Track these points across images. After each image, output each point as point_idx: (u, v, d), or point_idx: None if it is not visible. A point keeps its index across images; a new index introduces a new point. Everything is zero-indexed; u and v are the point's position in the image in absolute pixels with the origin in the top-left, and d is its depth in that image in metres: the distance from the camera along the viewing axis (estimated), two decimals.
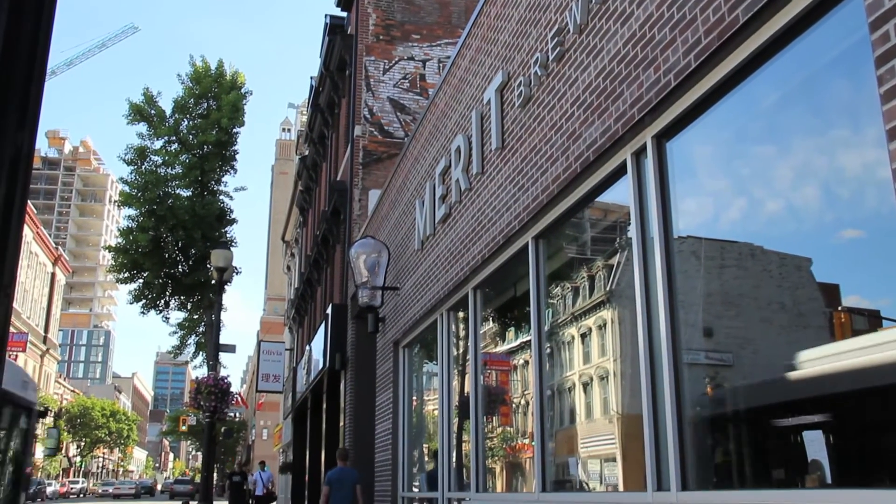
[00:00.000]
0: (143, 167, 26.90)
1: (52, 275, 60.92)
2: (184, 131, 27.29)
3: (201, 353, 28.14)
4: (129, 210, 27.18)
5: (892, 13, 2.84)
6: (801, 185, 3.83)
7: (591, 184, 5.53)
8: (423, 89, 17.97)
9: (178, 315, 28.89)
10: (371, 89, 17.79)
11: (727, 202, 4.42)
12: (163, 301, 27.59)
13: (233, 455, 73.86)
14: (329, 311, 17.23)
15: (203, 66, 27.69)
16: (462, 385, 8.85)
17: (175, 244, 26.99)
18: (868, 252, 3.42)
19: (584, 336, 6.17)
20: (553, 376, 6.46)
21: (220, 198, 28.08)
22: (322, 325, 18.38)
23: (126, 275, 26.92)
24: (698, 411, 4.31)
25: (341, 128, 20.41)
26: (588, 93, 5.37)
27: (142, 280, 27.09)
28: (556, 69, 5.95)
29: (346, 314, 16.26)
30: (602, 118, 5.12)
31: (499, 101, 7.23)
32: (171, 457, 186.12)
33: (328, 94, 21.90)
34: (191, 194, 27.38)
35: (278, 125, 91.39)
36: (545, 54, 6.13)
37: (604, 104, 5.11)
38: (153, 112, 27.07)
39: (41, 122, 1.45)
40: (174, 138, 27.18)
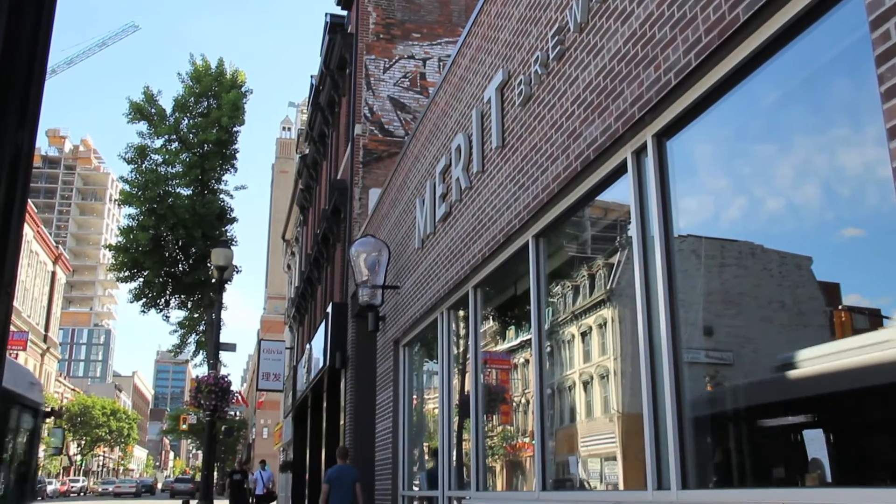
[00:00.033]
0: (144, 166, 26.90)
1: (53, 273, 60.94)
2: (184, 130, 27.28)
3: (202, 351, 28.15)
4: (129, 209, 27.18)
5: (893, 12, 2.84)
6: (801, 184, 3.82)
7: (591, 182, 5.53)
8: (424, 88, 17.97)
9: (178, 314, 28.89)
10: (371, 88, 17.79)
11: (727, 201, 4.42)
12: (163, 300, 27.60)
13: (233, 454, 73.92)
14: (329, 309, 17.24)
15: (203, 64, 27.68)
16: (462, 384, 8.85)
17: (175, 243, 26.99)
18: (868, 251, 3.42)
19: (584, 335, 6.17)
20: (553, 375, 6.46)
21: (221, 196, 28.09)
22: (322, 324, 18.39)
23: (126, 273, 26.92)
24: (698, 410, 4.31)
25: (342, 126, 20.41)
26: (588, 91, 5.37)
27: (142, 279, 27.10)
28: (557, 68, 5.95)
29: (347, 313, 16.27)
30: (602, 117, 5.12)
31: (499, 99, 7.23)
32: (171, 455, 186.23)
33: (328, 93, 21.90)
34: (191, 193, 27.38)
35: (279, 124, 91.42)
36: (546, 53, 6.13)
37: (604, 103, 5.11)
38: (153, 111, 27.06)
39: (41, 120, 1.45)
40: (174, 137, 27.17)
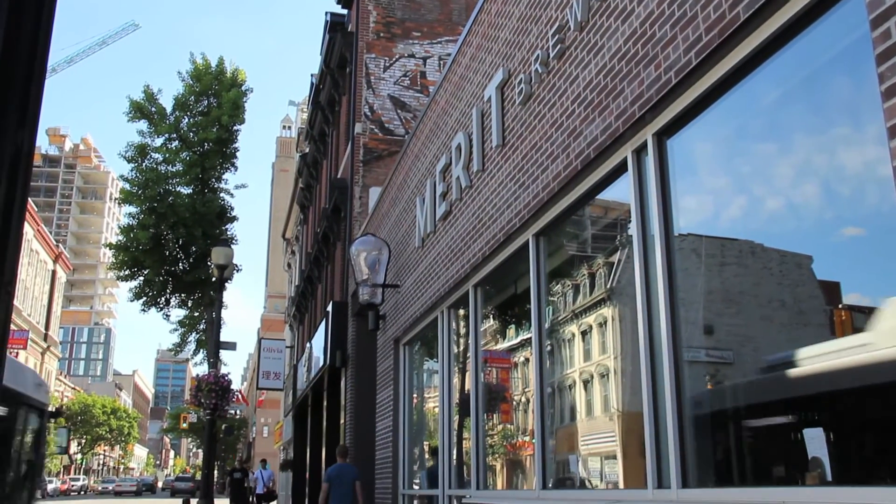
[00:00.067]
0: (144, 164, 26.90)
1: (53, 272, 60.93)
2: (184, 129, 27.28)
3: (202, 350, 28.16)
4: (129, 207, 27.17)
5: (893, 11, 2.84)
6: (801, 183, 3.82)
7: (591, 181, 5.53)
8: (424, 87, 17.96)
9: (178, 312, 28.90)
10: (372, 87, 17.78)
11: (728, 200, 4.42)
12: (163, 298, 27.60)
13: (233, 452, 73.98)
14: (330, 308, 17.24)
15: (203, 63, 27.67)
16: (462, 382, 8.85)
17: (176, 242, 26.99)
18: (869, 250, 3.42)
19: (584, 333, 6.17)
20: (553, 374, 6.46)
21: (221, 195, 28.09)
22: (323, 323, 18.39)
23: (127, 272, 26.93)
24: (699, 409, 4.31)
25: (342, 125, 20.41)
26: (589, 90, 5.36)
27: (142, 277, 27.10)
28: (557, 66, 5.95)
29: (347, 312, 16.27)
30: (603, 115, 5.11)
31: (499, 98, 7.22)
32: (171, 454, 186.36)
33: (329, 92, 21.89)
34: (191, 192, 27.38)
35: (279, 122, 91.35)
36: (546, 51, 6.13)
37: (604, 101, 5.11)
38: (154, 109, 27.06)
39: (41, 119, 1.45)
40: (175, 136, 27.16)
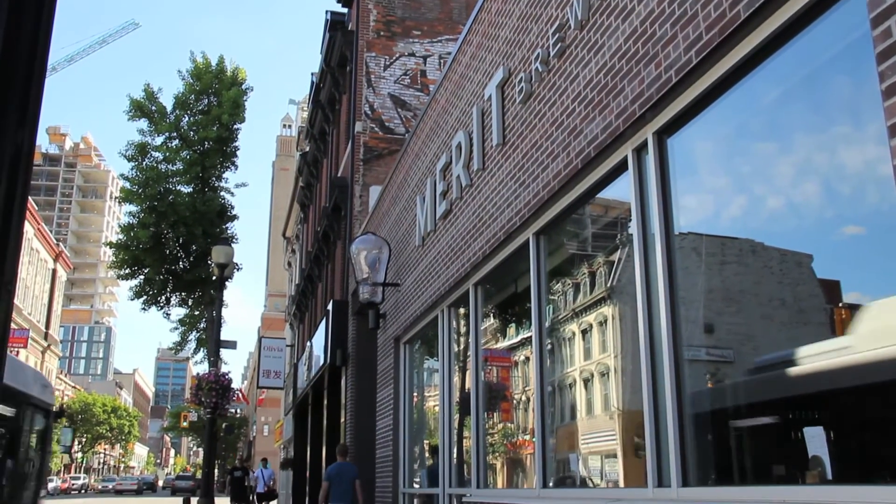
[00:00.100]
0: (144, 163, 26.89)
1: (54, 271, 60.95)
2: (184, 127, 27.27)
3: (202, 349, 28.16)
4: (129, 206, 27.17)
5: (893, 9, 2.84)
6: (801, 182, 3.82)
7: (591, 180, 5.53)
8: (424, 85, 17.96)
9: (178, 311, 28.91)
10: (372, 85, 17.78)
11: (728, 198, 4.42)
12: (164, 297, 27.60)
13: (234, 451, 74.04)
14: (330, 307, 17.24)
15: (204, 62, 27.66)
16: (463, 381, 8.86)
17: (176, 240, 26.99)
18: (869, 249, 3.42)
19: (584, 332, 6.17)
20: (554, 372, 6.46)
21: (221, 194, 28.08)
22: (323, 322, 18.39)
23: (127, 271, 26.93)
24: (699, 407, 4.31)
25: (342, 124, 20.40)
26: (589, 89, 5.36)
27: (143, 276, 27.10)
28: (557, 65, 5.95)
29: (347, 310, 16.27)
30: (603, 114, 5.11)
31: (500, 97, 7.22)
32: (172, 453, 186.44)
33: (329, 91, 21.89)
34: (191, 190, 27.38)
35: (279, 121, 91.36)
36: (546, 50, 6.12)
37: (605, 100, 5.10)
38: (154, 108, 27.05)
39: (42, 118, 1.45)
40: (175, 134, 27.16)
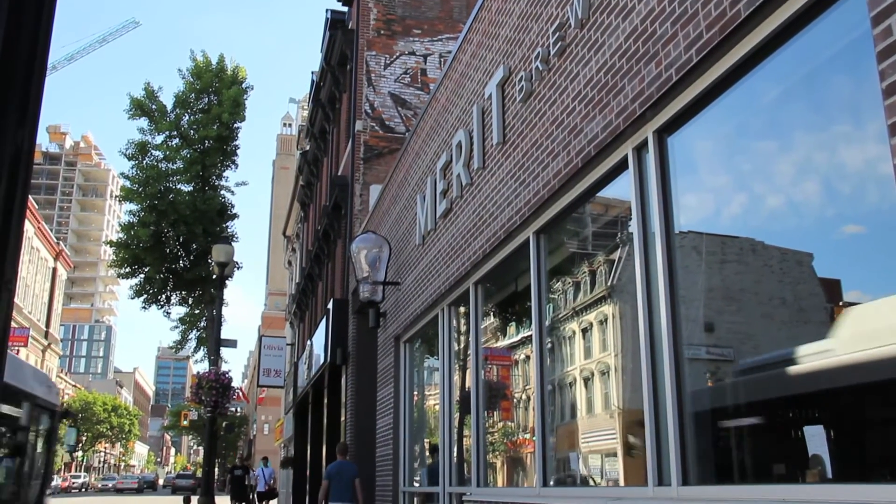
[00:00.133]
0: (144, 162, 26.88)
1: (54, 270, 60.94)
2: (185, 126, 27.25)
3: (202, 347, 28.17)
4: (130, 205, 27.16)
5: (894, 8, 2.84)
6: (802, 181, 3.82)
7: (592, 179, 5.53)
8: (425, 84, 17.96)
9: (179, 310, 28.94)
10: (372, 84, 17.77)
11: (728, 197, 4.42)
12: (164, 296, 27.60)
13: (234, 450, 74.06)
14: (330, 306, 17.25)
15: (204, 60, 27.64)
16: (463, 380, 8.86)
17: (176, 239, 26.99)
18: (869, 247, 3.42)
19: (584, 331, 6.17)
20: (554, 371, 6.46)
21: (221, 193, 28.07)
22: (323, 321, 18.40)
23: (127, 270, 26.93)
24: (699, 406, 4.32)
25: (342, 123, 20.40)
26: (589, 87, 5.36)
27: (143, 275, 27.10)
28: (558, 64, 5.95)
29: (347, 309, 16.27)
30: (603, 113, 5.11)
31: (500, 95, 7.22)
32: (172, 451, 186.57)
33: (329, 89, 21.88)
34: (192, 189, 27.37)
35: (279, 120, 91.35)
36: (546, 49, 6.12)
37: (605, 99, 5.10)
38: (154, 107, 27.03)
39: (42, 117, 1.46)
40: (175, 133, 27.14)
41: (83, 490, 70.18)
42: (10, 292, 1.34)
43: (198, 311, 28.31)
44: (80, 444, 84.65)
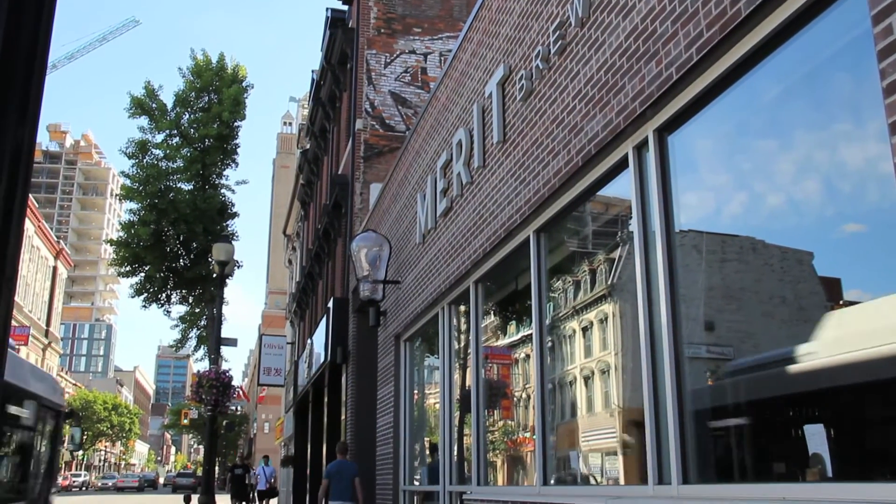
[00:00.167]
0: (145, 161, 26.90)
1: (54, 268, 60.93)
2: (185, 125, 27.28)
3: (203, 346, 28.20)
4: (130, 204, 27.20)
5: (894, 7, 2.83)
6: (802, 180, 3.82)
7: (592, 177, 5.53)
8: (425, 83, 17.95)
9: (179, 309, 29.03)
10: (372, 83, 17.77)
11: (729, 196, 4.41)
12: (164, 295, 27.63)
13: (234, 448, 74.12)
14: (330, 304, 17.25)
15: (204, 59, 27.65)
16: (463, 379, 8.86)
17: (176, 238, 27.01)
18: (869, 246, 3.42)
19: (585, 330, 6.17)
20: (554, 370, 6.47)
21: (222, 191, 28.12)
22: (323, 319, 18.40)
23: (128, 268, 26.96)
24: (699, 405, 4.32)
25: (342, 121, 20.40)
26: (590, 86, 5.36)
27: (143, 274, 27.12)
28: (558, 62, 5.94)
29: (348, 308, 16.28)
30: (604, 112, 5.11)
31: (500, 94, 7.22)
32: (172, 450, 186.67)
33: (329, 88, 21.88)
34: (192, 188, 27.40)
35: (279, 119, 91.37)
36: (547, 47, 6.12)
37: (605, 97, 5.10)
38: (154, 105, 27.05)
39: (42, 115, 1.46)
40: (175, 132, 27.16)
41: (83, 489, 70.21)
42: (11, 290, 1.34)
43: (198, 310, 28.34)
44: (82, 443, 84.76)
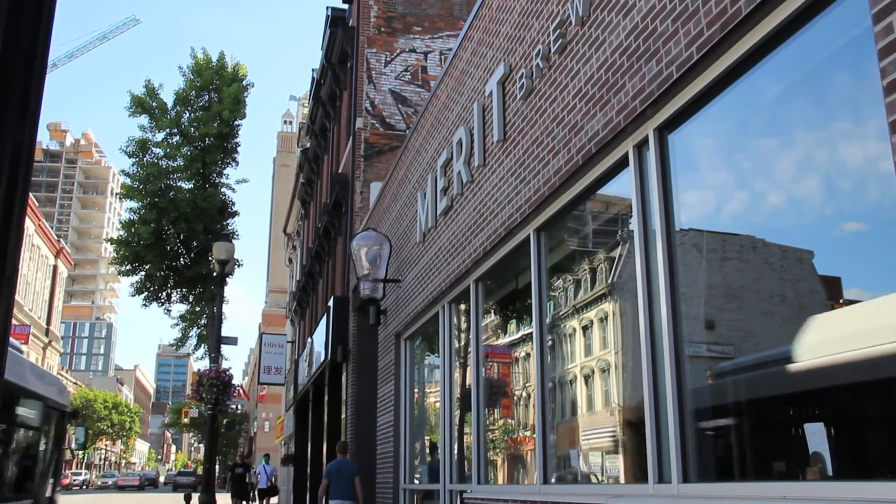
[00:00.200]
0: (145, 159, 26.91)
1: (54, 267, 60.93)
2: (185, 123, 27.28)
3: (203, 345, 28.22)
4: (130, 202, 27.21)
5: (895, 6, 2.83)
6: (802, 178, 3.82)
7: (592, 176, 5.53)
8: (425, 81, 17.94)
9: (179, 307, 29.04)
10: (373, 81, 17.76)
11: (729, 195, 4.41)
12: (165, 293, 27.64)
13: (235, 447, 74.14)
14: (331, 303, 17.25)
15: (204, 58, 27.65)
16: (464, 377, 8.86)
17: (177, 236, 27.02)
18: (870, 245, 3.42)
19: (585, 328, 6.17)
20: (554, 369, 6.47)
21: (222, 190, 28.12)
22: (324, 318, 18.40)
23: (128, 267, 26.96)
24: (700, 404, 4.32)
25: (343, 120, 20.39)
26: (590, 85, 5.36)
27: (144, 272, 27.13)
28: (558, 61, 5.94)
29: (348, 307, 16.28)
30: (604, 110, 5.11)
31: (501, 93, 7.22)
32: (173, 449, 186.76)
33: (330, 87, 21.87)
34: (192, 186, 27.40)
35: (280, 117, 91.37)
36: (547, 46, 6.12)
37: (606, 96, 5.10)
38: (155, 104, 27.05)
39: (42, 114, 1.46)
40: (176, 130, 27.17)
41: (84, 487, 70.26)
42: (12, 289, 1.35)
43: (198, 309, 28.35)
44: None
